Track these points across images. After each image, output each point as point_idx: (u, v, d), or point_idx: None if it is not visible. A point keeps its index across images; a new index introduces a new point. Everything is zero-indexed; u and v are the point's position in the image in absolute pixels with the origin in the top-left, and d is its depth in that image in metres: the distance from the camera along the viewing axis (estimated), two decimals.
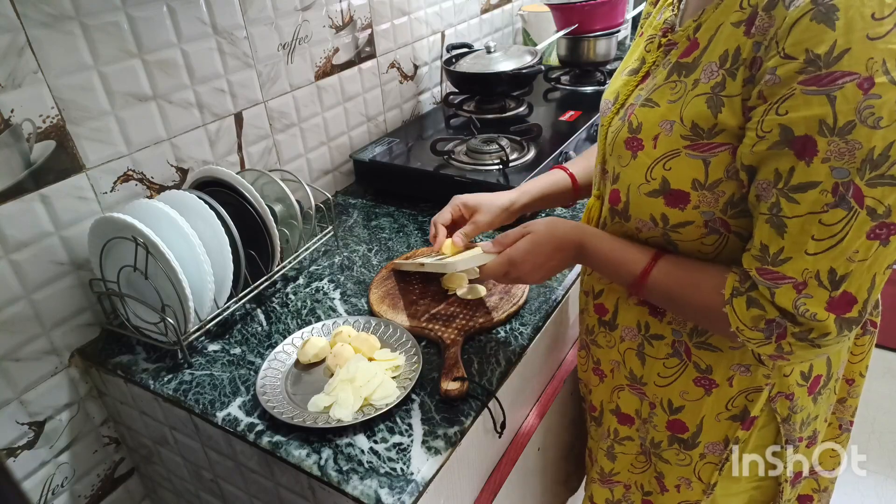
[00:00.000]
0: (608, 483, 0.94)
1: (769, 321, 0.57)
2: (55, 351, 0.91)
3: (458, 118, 1.48)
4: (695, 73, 0.60)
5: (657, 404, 0.79)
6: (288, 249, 1.04)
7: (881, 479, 1.62)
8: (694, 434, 0.77)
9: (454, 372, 0.77)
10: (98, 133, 0.89)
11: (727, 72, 0.57)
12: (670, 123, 0.61)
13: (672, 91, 0.62)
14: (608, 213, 0.73)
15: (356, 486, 0.66)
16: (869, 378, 0.86)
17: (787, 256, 0.55)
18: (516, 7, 1.96)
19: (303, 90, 1.22)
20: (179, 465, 0.95)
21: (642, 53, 0.71)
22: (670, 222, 0.65)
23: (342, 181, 1.39)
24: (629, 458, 0.88)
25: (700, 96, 0.59)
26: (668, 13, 0.70)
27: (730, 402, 0.73)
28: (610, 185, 0.72)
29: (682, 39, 0.64)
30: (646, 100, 0.65)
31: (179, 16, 0.96)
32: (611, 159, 0.71)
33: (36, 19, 0.79)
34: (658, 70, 0.66)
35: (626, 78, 0.73)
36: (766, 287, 0.56)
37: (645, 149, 0.64)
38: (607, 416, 0.89)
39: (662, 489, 0.85)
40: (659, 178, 0.63)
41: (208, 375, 0.84)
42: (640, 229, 0.69)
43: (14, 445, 0.89)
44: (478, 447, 0.81)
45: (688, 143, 0.60)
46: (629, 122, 0.66)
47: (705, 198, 0.61)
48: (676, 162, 0.61)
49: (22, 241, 0.84)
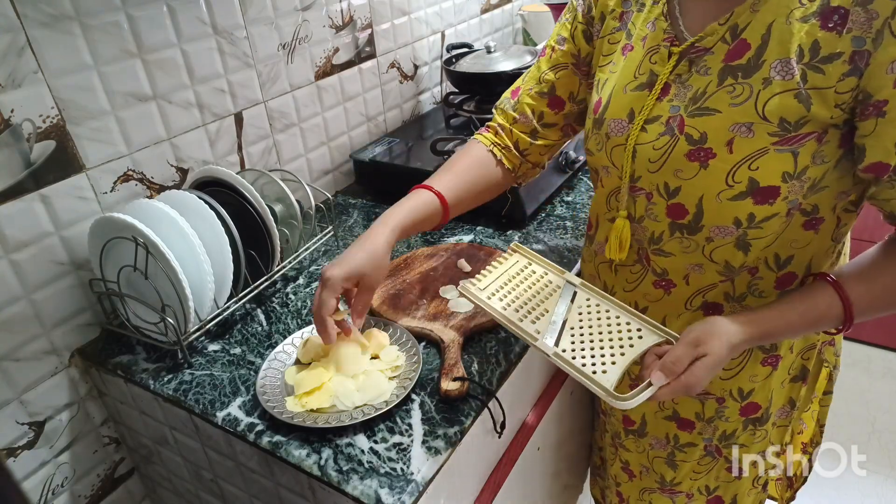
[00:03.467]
0: (669, 493, 0.94)
1: None
2: (55, 351, 0.91)
3: (458, 118, 1.48)
4: (760, 71, 0.60)
5: (726, 397, 0.79)
6: (288, 249, 1.04)
7: (881, 479, 1.62)
8: (766, 409, 0.79)
9: (454, 372, 0.77)
10: (98, 133, 0.89)
11: (807, 66, 0.58)
12: (746, 126, 0.61)
13: (731, 95, 0.62)
14: (666, 228, 0.70)
15: (356, 486, 0.66)
16: (869, 378, 0.88)
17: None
18: (516, 7, 1.95)
19: (303, 90, 1.22)
20: (179, 465, 0.95)
21: (647, 66, 0.70)
22: (756, 219, 0.65)
23: (342, 181, 1.39)
24: (691, 464, 0.88)
25: (785, 93, 0.59)
26: (663, 23, 0.69)
27: (791, 367, 0.77)
28: (664, 200, 0.69)
29: (714, 44, 0.64)
30: (697, 109, 0.64)
31: (179, 16, 0.96)
32: (655, 176, 0.69)
33: (36, 19, 0.79)
34: (692, 78, 0.65)
35: (635, 93, 0.70)
36: None
37: (718, 156, 0.63)
38: (659, 425, 0.88)
39: (740, 473, 0.86)
40: (745, 180, 0.63)
41: (208, 375, 0.84)
42: (711, 238, 0.68)
43: (14, 445, 0.89)
44: (478, 447, 0.81)
45: (777, 140, 0.60)
46: (686, 136, 0.65)
47: (794, 187, 0.62)
48: (764, 160, 0.61)
49: (22, 241, 0.84)
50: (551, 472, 1.13)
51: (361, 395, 0.75)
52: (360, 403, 0.74)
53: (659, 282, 0.75)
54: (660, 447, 0.90)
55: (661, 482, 0.93)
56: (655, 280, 0.75)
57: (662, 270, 0.74)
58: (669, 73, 0.67)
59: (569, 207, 1.17)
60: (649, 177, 0.70)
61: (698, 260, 0.70)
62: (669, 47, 0.68)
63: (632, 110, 0.71)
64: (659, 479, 0.93)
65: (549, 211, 1.16)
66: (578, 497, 1.34)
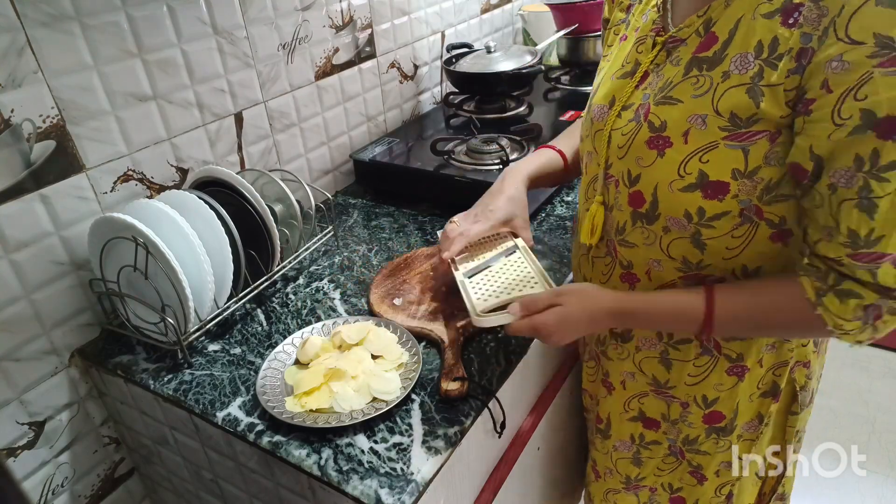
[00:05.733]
0: (634, 488, 0.94)
1: (867, 307, 0.58)
2: (55, 351, 0.91)
3: (458, 118, 1.48)
4: (721, 65, 0.61)
5: (690, 402, 0.79)
6: (288, 249, 1.04)
7: (881, 479, 1.62)
8: (731, 420, 0.79)
9: (454, 372, 0.77)
10: (98, 133, 0.89)
11: (765, 62, 0.58)
12: (702, 117, 0.62)
13: (694, 86, 0.63)
14: (629, 217, 0.72)
15: (356, 486, 0.66)
16: (869, 378, 0.87)
17: (880, 235, 0.55)
18: (516, 7, 1.95)
19: (303, 90, 1.22)
20: (179, 465, 0.95)
21: (634, 55, 0.71)
22: (706, 215, 0.65)
23: (342, 181, 1.39)
24: (656, 461, 0.89)
25: (738, 87, 0.59)
26: (654, 14, 0.70)
27: (760, 381, 0.76)
28: (626, 188, 0.70)
29: (689, 35, 0.64)
30: (663, 97, 0.65)
31: (179, 16, 0.96)
32: (621, 163, 0.70)
33: (36, 19, 0.79)
34: (665, 68, 0.67)
35: (618, 81, 0.72)
36: (867, 270, 0.57)
37: (674, 145, 0.64)
38: (622, 426, 0.89)
39: (701, 480, 0.86)
40: (695, 172, 0.63)
41: (208, 375, 0.84)
42: (668, 228, 0.68)
43: (14, 445, 0.89)
44: (478, 447, 0.81)
45: (726, 134, 0.60)
46: (649, 122, 0.66)
47: (744, 186, 0.62)
48: (715, 154, 0.62)
49: (22, 241, 0.84)
50: (551, 472, 1.13)
51: (360, 395, 0.75)
52: (360, 406, 0.74)
53: (625, 275, 0.76)
54: (624, 449, 0.91)
55: (625, 482, 0.94)
56: (622, 273, 0.76)
57: (628, 263, 0.75)
58: (650, 62, 0.69)
59: (569, 207, 1.17)
60: (618, 164, 0.71)
61: (657, 255, 0.71)
62: (654, 37, 0.69)
63: (613, 97, 0.72)
64: (623, 480, 0.94)
65: (549, 211, 1.16)
66: (579, 497, 1.34)
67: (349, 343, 0.83)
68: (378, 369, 0.79)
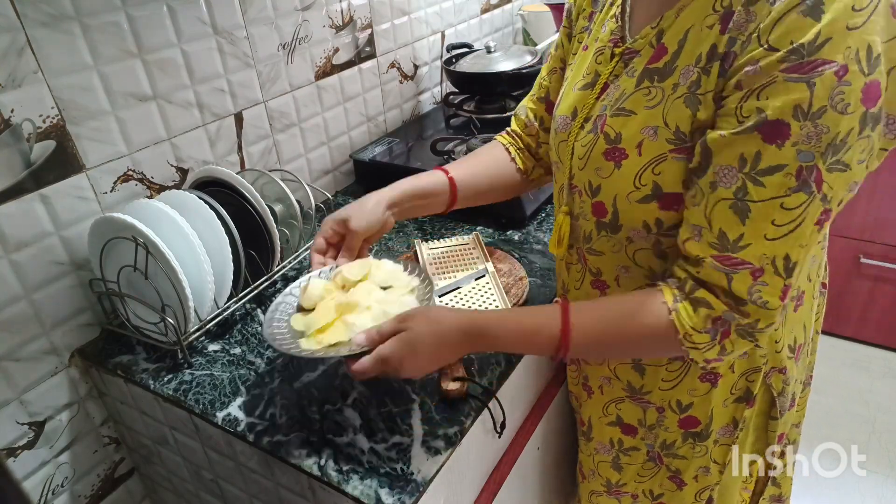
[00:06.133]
0: (616, 494, 0.94)
1: (715, 319, 0.59)
2: (55, 351, 0.91)
3: (458, 118, 1.48)
4: (671, 77, 0.61)
5: (665, 408, 0.79)
6: (288, 249, 1.04)
7: (881, 479, 1.62)
8: (706, 425, 0.78)
9: (454, 372, 0.77)
10: (98, 133, 0.89)
11: (702, 70, 0.58)
12: (653, 129, 0.62)
13: (647, 97, 0.63)
14: (594, 227, 0.72)
15: (356, 486, 0.66)
16: (869, 378, 0.87)
17: (748, 242, 0.56)
18: (516, 7, 1.96)
19: (303, 90, 1.22)
20: (179, 465, 0.95)
21: (593, 66, 0.71)
22: (664, 226, 0.65)
23: (342, 181, 1.39)
24: (636, 467, 0.89)
25: (679, 98, 0.60)
26: (613, 24, 0.70)
27: (733, 386, 0.75)
28: (589, 199, 0.70)
29: (643, 47, 0.64)
30: (618, 109, 0.65)
31: (179, 16, 0.96)
32: (582, 173, 0.70)
33: (36, 19, 0.79)
34: (622, 79, 0.66)
35: (580, 92, 0.72)
36: (724, 273, 0.57)
37: (629, 157, 0.64)
38: (602, 430, 0.89)
39: (680, 485, 0.86)
40: (650, 184, 0.63)
41: (208, 375, 0.84)
42: (631, 239, 0.68)
43: (14, 445, 0.89)
44: (478, 447, 0.81)
45: (672, 147, 0.60)
46: (605, 134, 0.66)
47: None
48: (665, 166, 0.61)
49: (22, 241, 0.84)
50: (551, 472, 1.13)
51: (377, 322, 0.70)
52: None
53: (595, 282, 0.76)
54: (605, 452, 0.91)
55: (607, 485, 0.94)
56: (592, 280, 0.76)
57: (597, 270, 0.75)
58: (609, 73, 0.68)
59: None
60: (579, 174, 0.71)
61: (625, 262, 0.71)
62: (612, 48, 0.69)
63: (575, 108, 0.72)
64: (605, 483, 0.94)
65: (549, 211, 1.16)
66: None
67: (353, 280, 0.78)
68: (392, 296, 0.75)
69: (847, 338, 2.01)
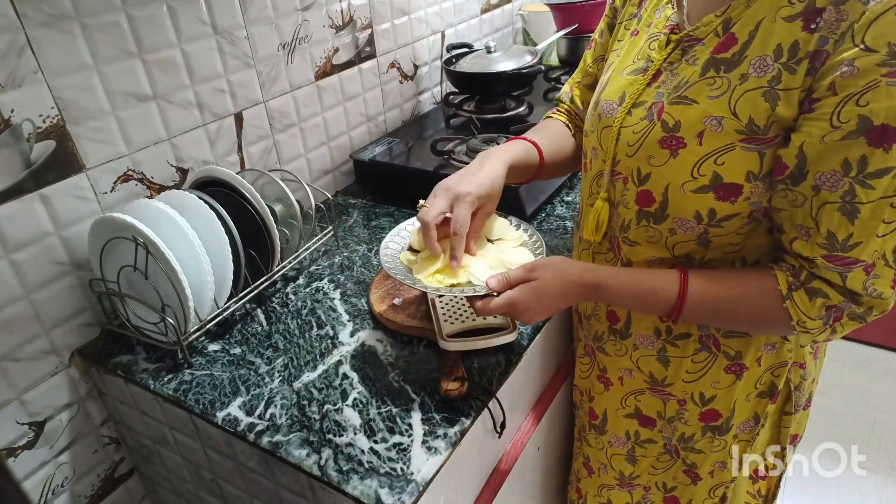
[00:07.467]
0: (628, 486, 0.94)
1: (830, 307, 0.60)
2: (55, 351, 0.91)
3: (458, 118, 1.48)
4: (740, 67, 0.60)
5: (687, 400, 0.79)
6: (288, 249, 1.04)
7: (881, 479, 1.62)
8: (727, 419, 0.79)
9: (454, 372, 0.77)
10: (98, 133, 0.89)
11: (784, 66, 0.57)
12: (717, 119, 0.61)
13: (711, 87, 0.62)
14: (634, 216, 0.71)
15: (356, 486, 0.66)
16: (869, 378, 0.87)
17: (858, 241, 0.57)
18: (516, 7, 1.95)
19: (303, 90, 1.22)
20: (179, 465, 0.95)
21: (646, 52, 0.71)
22: (717, 216, 0.65)
23: (342, 181, 1.39)
24: (650, 459, 0.89)
25: (755, 90, 0.59)
26: (669, 11, 0.69)
27: (758, 381, 0.76)
28: (635, 187, 0.70)
29: (707, 35, 0.64)
30: (678, 97, 0.64)
31: (179, 16, 0.96)
32: (631, 161, 0.69)
33: (36, 19, 0.79)
34: (680, 67, 0.66)
35: (629, 77, 0.71)
36: (837, 272, 0.58)
37: (688, 146, 0.64)
38: (618, 422, 0.89)
39: (695, 479, 0.86)
40: (709, 174, 0.63)
41: (208, 375, 0.84)
42: (674, 230, 0.68)
43: (14, 445, 0.89)
44: (478, 447, 0.81)
45: (743, 137, 0.60)
46: (662, 122, 0.65)
47: (757, 188, 0.62)
48: (730, 156, 0.61)
49: (22, 241, 0.84)
50: (551, 472, 1.13)
51: (495, 270, 0.74)
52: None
53: None
54: (619, 445, 0.91)
55: (619, 478, 0.94)
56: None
57: (628, 261, 0.75)
58: (663, 60, 0.68)
59: (569, 207, 1.17)
60: (626, 161, 0.70)
61: (661, 253, 0.71)
62: (668, 35, 0.68)
63: (623, 93, 0.71)
64: (618, 476, 0.94)
65: (549, 211, 1.16)
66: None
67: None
68: (505, 247, 0.79)
69: (847, 338, 2.01)
